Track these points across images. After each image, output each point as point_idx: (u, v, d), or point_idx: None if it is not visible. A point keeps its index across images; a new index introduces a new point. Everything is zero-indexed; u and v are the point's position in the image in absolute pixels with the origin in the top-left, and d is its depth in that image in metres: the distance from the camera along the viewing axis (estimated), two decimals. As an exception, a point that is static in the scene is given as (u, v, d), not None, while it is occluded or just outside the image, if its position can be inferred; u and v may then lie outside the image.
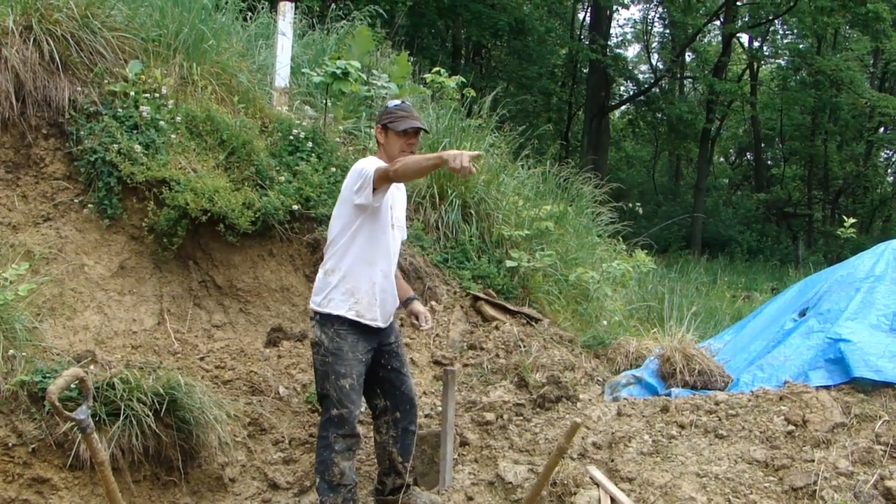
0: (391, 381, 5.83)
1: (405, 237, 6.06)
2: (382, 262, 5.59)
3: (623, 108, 42.62)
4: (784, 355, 6.96)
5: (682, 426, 6.03)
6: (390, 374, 5.82)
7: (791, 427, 5.69)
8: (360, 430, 6.54)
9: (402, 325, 7.54)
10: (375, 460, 6.09)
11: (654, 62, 44.74)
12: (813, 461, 5.30)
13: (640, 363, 7.79)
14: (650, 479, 5.44)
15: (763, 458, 5.47)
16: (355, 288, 5.53)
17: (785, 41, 40.04)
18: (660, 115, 39.43)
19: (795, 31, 38.15)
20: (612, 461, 5.80)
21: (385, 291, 5.62)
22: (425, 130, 5.73)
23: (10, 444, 5.64)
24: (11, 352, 5.90)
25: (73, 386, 5.01)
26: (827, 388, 6.22)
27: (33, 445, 5.69)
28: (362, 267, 5.54)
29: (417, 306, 5.89)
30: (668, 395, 6.86)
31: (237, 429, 6.53)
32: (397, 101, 5.80)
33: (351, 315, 5.51)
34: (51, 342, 6.46)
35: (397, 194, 5.79)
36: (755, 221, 37.66)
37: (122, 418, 5.75)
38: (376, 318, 5.58)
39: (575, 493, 5.57)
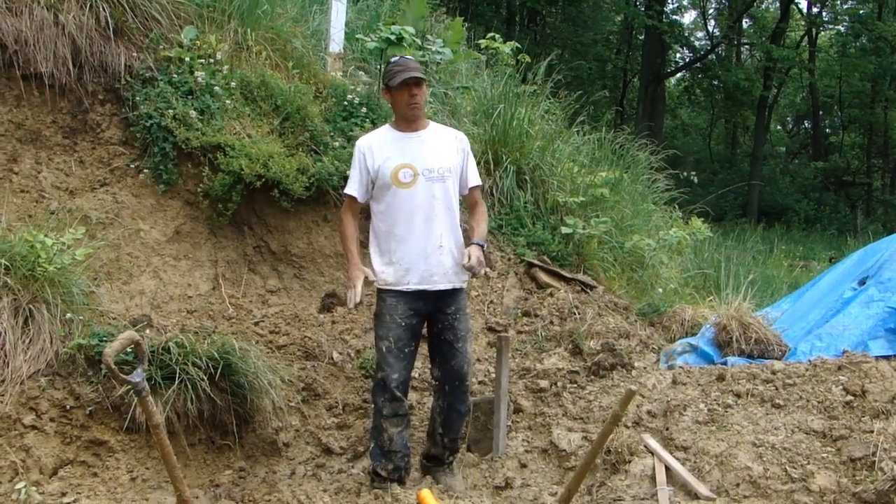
0: (443, 352, 5.77)
1: (470, 182, 5.90)
2: (401, 226, 5.59)
3: (679, 75, 42.15)
4: (843, 325, 6.86)
5: (738, 395, 5.95)
6: (442, 346, 5.76)
7: (850, 397, 5.59)
8: (413, 396, 6.57)
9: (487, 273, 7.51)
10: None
11: (710, 29, 44.17)
12: (872, 432, 5.18)
13: (695, 331, 7.72)
14: (705, 448, 5.37)
15: (821, 428, 5.37)
16: (383, 254, 5.67)
17: (844, 6, 39.24)
18: (716, 83, 38.92)
19: (856, -5, 37.48)
20: (667, 430, 5.75)
21: (411, 254, 5.58)
22: (420, 78, 5.58)
23: (68, 407, 5.71)
24: (69, 315, 5.95)
25: (128, 349, 5.03)
26: (887, 357, 6.13)
27: (90, 408, 5.75)
28: (383, 235, 5.67)
29: (467, 249, 5.66)
30: (724, 363, 6.79)
31: (291, 394, 6.57)
32: (395, 58, 5.80)
33: (381, 283, 5.63)
34: (107, 306, 6.52)
35: (422, 147, 5.69)
36: (813, 190, 37.17)
37: (177, 382, 5.78)
38: (407, 281, 5.58)
39: (629, 462, 5.54)
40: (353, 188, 5.71)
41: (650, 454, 5.53)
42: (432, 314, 5.71)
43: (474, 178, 5.90)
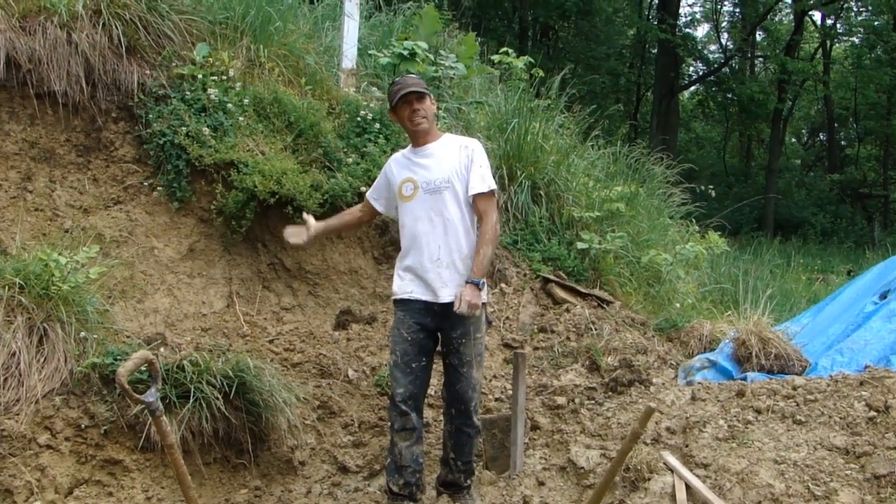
0: (448, 375, 5.70)
1: (472, 188, 5.58)
2: (406, 239, 5.64)
3: (692, 88, 42.09)
4: (864, 339, 6.80)
5: (758, 411, 5.88)
6: (448, 369, 5.69)
7: (873, 413, 5.51)
8: (429, 413, 6.53)
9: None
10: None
11: (723, 42, 44.13)
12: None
13: (713, 346, 7.64)
14: (726, 466, 5.31)
15: (843, 444, 5.30)
16: (397, 267, 5.74)
17: (859, 18, 39.12)
18: (730, 96, 38.84)
19: (870, 7, 37.24)
20: (687, 446, 5.68)
21: (413, 266, 5.57)
22: (419, 92, 5.53)
23: (83, 426, 5.68)
24: (83, 334, 5.94)
25: (143, 368, 5.01)
26: (910, 373, 6.05)
27: (105, 427, 5.72)
28: (400, 249, 5.74)
29: (460, 291, 5.42)
30: (744, 379, 6.71)
31: (306, 412, 6.53)
32: (396, 78, 5.88)
33: (394, 294, 5.71)
34: (121, 325, 6.52)
35: (426, 161, 5.63)
36: (829, 203, 36.97)
37: (191, 401, 5.76)
38: (410, 290, 5.58)
39: (649, 479, 5.47)
40: (370, 191, 5.96)
41: (670, 472, 5.47)
42: (441, 333, 5.65)
43: (476, 185, 5.57)
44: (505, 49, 11.03)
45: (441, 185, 5.54)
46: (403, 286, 5.59)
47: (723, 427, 5.78)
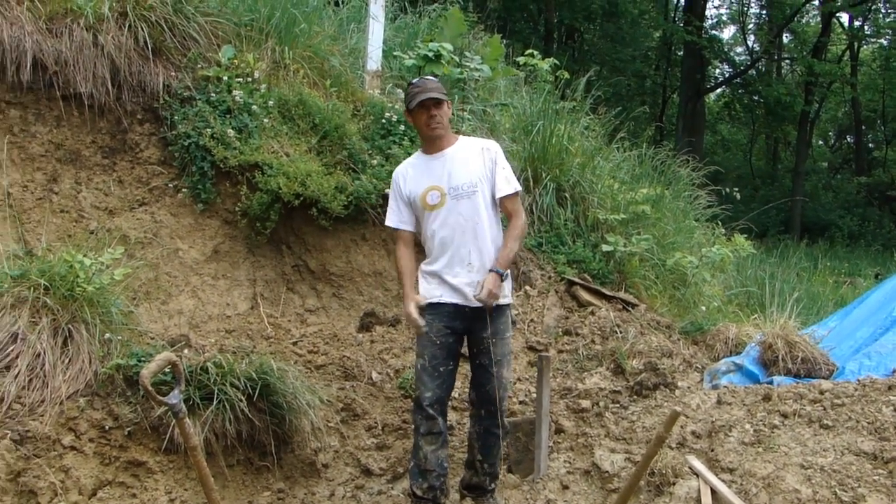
0: (477, 376, 5.66)
1: (499, 191, 5.60)
2: (435, 247, 5.54)
3: (719, 90, 41.91)
4: (893, 343, 6.79)
5: (784, 415, 5.84)
6: (478, 370, 5.65)
7: (901, 417, 5.48)
8: (453, 416, 6.50)
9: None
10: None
11: (750, 44, 43.93)
12: (925, 453, 5.09)
13: (739, 350, 7.62)
14: (752, 470, 5.28)
15: (871, 449, 5.26)
16: (423, 274, 5.62)
17: (887, 19, 38.86)
18: (756, 98, 38.64)
19: (898, 8, 37.08)
20: (712, 451, 5.65)
21: (443, 272, 5.51)
22: (437, 99, 5.47)
23: (107, 427, 5.68)
24: (107, 335, 5.94)
25: (166, 370, 5.01)
26: (939, 377, 6.00)
27: (129, 429, 5.72)
28: (426, 257, 5.65)
29: (483, 279, 5.42)
30: (770, 383, 6.69)
31: (330, 414, 6.52)
32: (414, 80, 5.70)
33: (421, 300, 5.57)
34: (146, 326, 6.53)
35: (447, 166, 5.56)
36: (856, 205, 36.68)
37: (215, 403, 5.76)
38: (440, 294, 5.50)
39: (674, 484, 5.45)
40: (390, 219, 5.71)
41: (695, 476, 5.43)
42: (470, 335, 5.61)
43: (504, 186, 5.60)
44: (530, 51, 11.00)
45: (469, 190, 5.50)
46: (432, 290, 5.52)
47: (749, 431, 5.75)
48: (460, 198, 5.49)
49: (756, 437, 5.67)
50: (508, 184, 5.61)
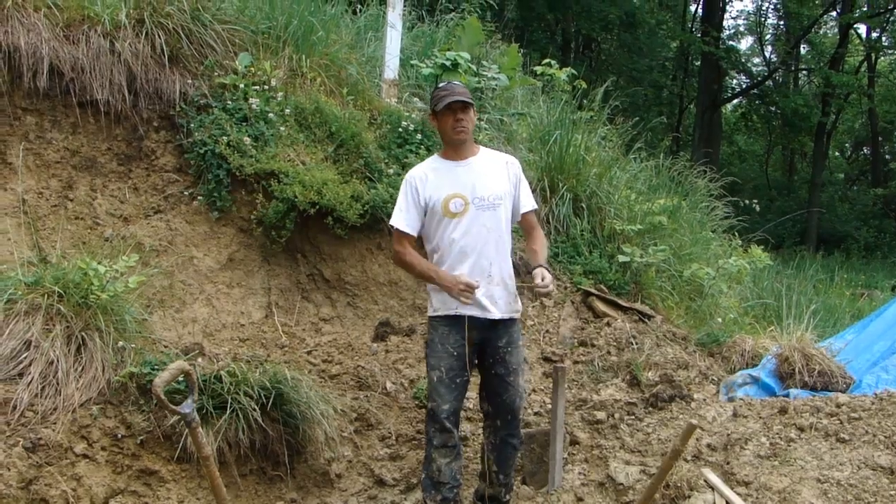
0: (494, 386, 5.62)
1: (524, 207, 5.69)
2: (452, 256, 5.45)
3: (735, 101, 41.84)
4: (911, 357, 6.70)
5: (801, 429, 5.81)
6: (493, 380, 5.61)
7: (919, 433, 5.44)
8: (467, 427, 6.47)
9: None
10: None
11: (767, 55, 43.84)
12: (943, 469, 5.04)
13: (756, 362, 7.56)
14: (768, 484, 5.23)
15: (888, 464, 5.24)
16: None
17: (905, 31, 38.82)
18: (773, 109, 38.58)
19: (916, 20, 36.93)
20: (728, 464, 5.60)
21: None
22: (466, 102, 5.41)
23: (120, 436, 5.67)
24: (121, 343, 5.93)
25: (179, 378, 4.99)
26: (956, 391, 5.96)
27: (142, 437, 5.71)
28: (437, 263, 5.54)
29: (536, 270, 5.48)
30: (786, 395, 6.65)
31: (344, 424, 6.48)
32: (442, 83, 5.67)
33: (432, 310, 5.56)
34: (160, 334, 6.52)
35: (471, 175, 5.52)
36: (873, 217, 36.53)
37: (228, 412, 5.74)
38: (456, 306, 5.41)
39: (689, 497, 5.39)
40: (400, 221, 5.54)
41: (710, 489, 5.38)
42: (484, 345, 5.56)
43: (528, 203, 5.72)
44: (548, 60, 10.98)
45: (495, 202, 5.49)
46: (448, 302, 5.44)
47: (765, 444, 5.72)
48: (485, 209, 5.46)
49: (772, 450, 5.64)
50: (530, 200, 5.75)
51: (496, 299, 5.47)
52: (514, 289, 5.54)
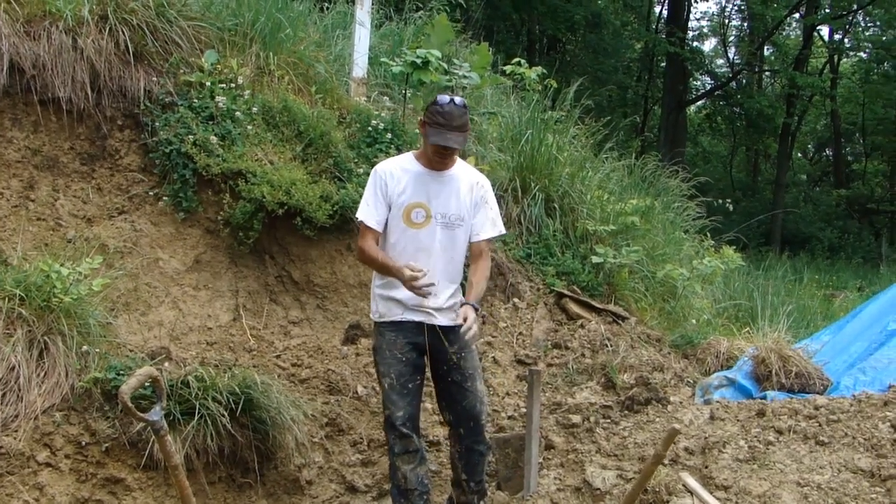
0: (452, 394, 5.52)
1: (482, 233, 5.53)
2: (394, 257, 5.32)
3: (699, 102, 42.13)
4: (888, 357, 6.75)
5: (779, 431, 5.78)
6: (451, 388, 5.51)
7: (898, 434, 5.42)
8: (440, 432, 6.39)
9: (484, 324, 7.34)
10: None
11: (731, 56, 44.18)
12: (923, 471, 5.02)
13: (731, 364, 7.55)
14: (747, 488, 5.21)
15: (868, 467, 5.22)
16: (383, 287, 5.45)
17: (867, 33, 39.16)
18: (738, 110, 38.90)
19: (879, 22, 37.24)
20: (706, 468, 5.57)
21: (408, 297, 5.31)
22: (454, 148, 5.26)
23: (84, 443, 5.58)
24: (85, 348, 5.85)
25: (146, 384, 4.87)
26: (935, 392, 5.95)
27: (107, 444, 5.62)
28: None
29: (462, 309, 5.26)
30: (764, 398, 6.64)
31: (314, 429, 6.41)
32: (447, 100, 5.24)
33: (377, 316, 5.50)
34: (125, 338, 6.41)
35: (440, 189, 5.40)
36: (836, 218, 36.92)
37: (196, 418, 5.64)
38: (402, 312, 5.37)
39: (668, 502, 5.36)
40: (369, 216, 5.39)
41: (689, 494, 5.34)
42: (435, 353, 5.44)
43: (489, 230, 5.54)
44: (517, 59, 10.92)
45: (456, 222, 5.42)
46: (392, 308, 5.40)
47: (743, 448, 5.70)
48: (446, 227, 5.39)
49: (751, 453, 5.60)
50: (494, 227, 5.59)
51: (440, 305, 5.40)
52: (457, 308, 5.38)
